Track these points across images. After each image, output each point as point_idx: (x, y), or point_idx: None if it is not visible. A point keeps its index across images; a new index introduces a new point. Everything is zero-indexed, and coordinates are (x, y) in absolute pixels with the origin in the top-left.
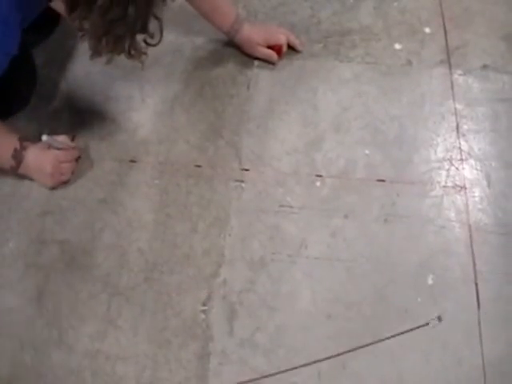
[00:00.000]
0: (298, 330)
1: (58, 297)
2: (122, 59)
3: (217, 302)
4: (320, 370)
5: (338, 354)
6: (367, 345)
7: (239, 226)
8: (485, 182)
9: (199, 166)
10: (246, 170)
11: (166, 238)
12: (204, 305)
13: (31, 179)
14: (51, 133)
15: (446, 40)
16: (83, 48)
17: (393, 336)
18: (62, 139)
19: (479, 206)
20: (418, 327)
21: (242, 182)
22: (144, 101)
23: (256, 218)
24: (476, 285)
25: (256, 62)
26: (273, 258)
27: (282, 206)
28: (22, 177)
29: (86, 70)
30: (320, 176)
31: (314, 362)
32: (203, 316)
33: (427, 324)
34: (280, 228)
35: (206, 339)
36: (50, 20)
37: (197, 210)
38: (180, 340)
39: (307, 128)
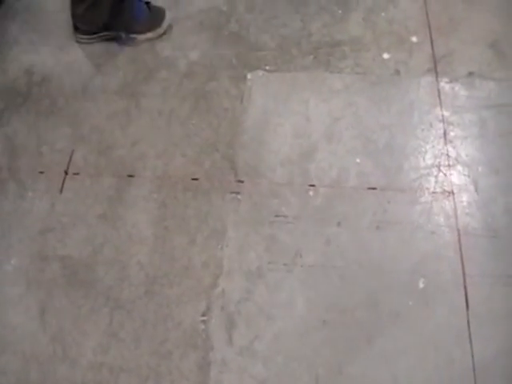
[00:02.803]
0: (295, 336)
1: (61, 312)
2: (119, 74)
3: (216, 313)
4: (317, 375)
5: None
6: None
7: (236, 238)
8: (472, 187)
9: (196, 179)
10: (242, 181)
11: (165, 251)
12: (203, 315)
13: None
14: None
15: (433, 49)
16: (80, 64)
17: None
18: None
19: (467, 211)
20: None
21: (238, 193)
22: (141, 115)
23: (252, 228)
24: (465, 287)
25: (249, 75)
26: (269, 268)
27: (277, 216)
28: None
29: (83, 85)
30: (313, 186)
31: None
32: (203, 326)
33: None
34: (275, 238)
35: (206, 349)
36: None
37: (195, 223)
38: (181, 350)
39: (300, 139)
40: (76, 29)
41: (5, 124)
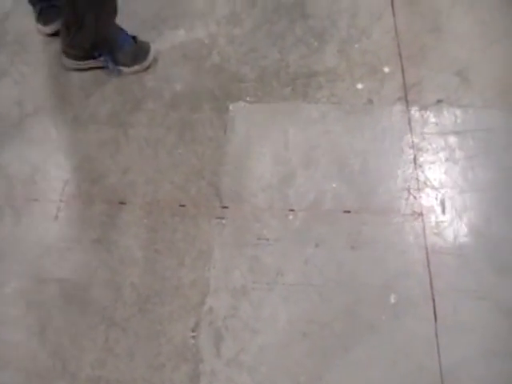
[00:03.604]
0: (277, 348)
1: (60, 330)
2: (107, 104)
3: (204, 328)
4: (299, 382)
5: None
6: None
7: (222, 259)
8: (439, 209)
9: (183, 206)
10: (226, 207)
11: (156, 272)
12: (193, 331)
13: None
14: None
15: (404, 78)
16: (71, 95)
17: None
18: None
19: (435, 231)
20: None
21: (223, 218)
22: (129, 144)
23: (237, 250)
24: (433, 301)
25: (231, 106)
26: (253, 287)
27: (259, 238)
28: None
29: (74, 115)
30: (292, 210)
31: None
32: (193, 341)
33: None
34: (258, 259)
35: (196, 361)
36: None
37: (183, 246)
38: (173, 363)
39: (280, 166)
40: (65, 54)
41: None
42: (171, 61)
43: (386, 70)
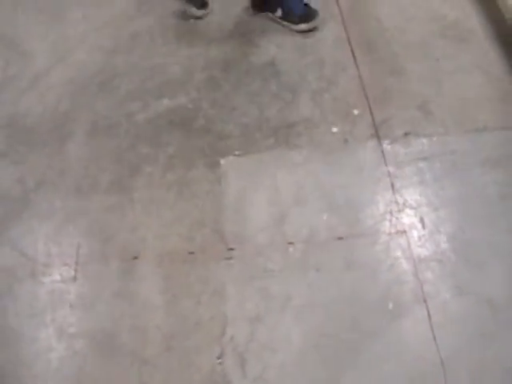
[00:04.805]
0: (296, 362)
1: (95, 376)
2: (105, 174)
3: (229, 355)
4: None
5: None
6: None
7: (235, 294)
8: (420, 225)
9: (192, 253)
10: (232, 249)
11: (177, 313)
12: (219, 358)
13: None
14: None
15: (373, 117)
16: (70, 168)
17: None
18: None
19: (419, 244)
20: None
21: (231, 258)
22: (134, 206)
23: (247, 284)
24: (425, 302)
25: (222, 161)
26: (266, 313)
27: (265, 271)
28: None
29: (76, 186)
30: (292, 243)
31: None
32: (220, 367)
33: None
34: (267, 289)
35: None
36: None
37: (198, 287)
38: None
39: (274, 207)
40: None
41: (10, 229)
42: (160, 127)
43: (356, 112)
